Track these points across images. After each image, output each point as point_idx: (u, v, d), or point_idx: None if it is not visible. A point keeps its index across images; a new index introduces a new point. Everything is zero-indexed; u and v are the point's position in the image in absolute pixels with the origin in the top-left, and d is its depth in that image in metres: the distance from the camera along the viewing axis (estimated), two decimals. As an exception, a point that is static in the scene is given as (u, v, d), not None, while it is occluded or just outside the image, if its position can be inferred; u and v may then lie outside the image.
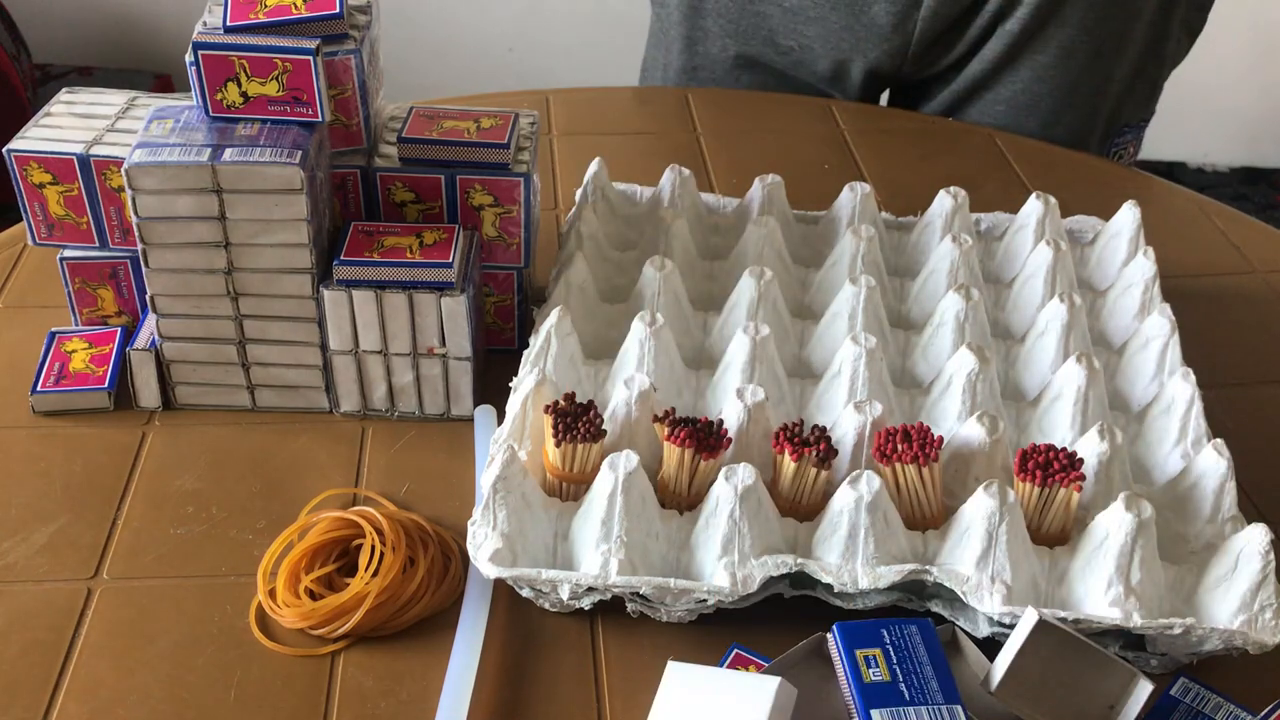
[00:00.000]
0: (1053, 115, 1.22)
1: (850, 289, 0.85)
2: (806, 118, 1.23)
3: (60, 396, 0.85)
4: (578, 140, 1.18)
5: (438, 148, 0.83)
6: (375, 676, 0.70)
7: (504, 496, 0.71)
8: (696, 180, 0.99)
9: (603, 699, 0.69)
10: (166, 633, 0.71)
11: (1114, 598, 0.68)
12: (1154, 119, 1.30)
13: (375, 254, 0.80)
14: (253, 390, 0.86)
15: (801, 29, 1.22)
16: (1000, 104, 1.22)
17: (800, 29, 1.22)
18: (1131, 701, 0.64)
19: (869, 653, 0.65)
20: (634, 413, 0.76)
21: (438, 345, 0.83)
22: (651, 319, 0.81)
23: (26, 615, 0.72)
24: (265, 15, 0.79)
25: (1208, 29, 1.26)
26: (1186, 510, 0.75)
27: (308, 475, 0.81)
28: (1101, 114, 1.24)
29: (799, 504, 0.74)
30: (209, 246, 0.79)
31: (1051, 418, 0.81)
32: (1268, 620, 0.68)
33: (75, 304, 0.90)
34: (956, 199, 0.96)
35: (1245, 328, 0.97)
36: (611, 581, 0.69)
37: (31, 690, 0.68)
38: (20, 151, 0.83)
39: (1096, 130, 1.25)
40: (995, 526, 0.69)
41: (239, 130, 0.78)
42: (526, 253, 0.87)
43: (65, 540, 0.77)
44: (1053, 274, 0.90)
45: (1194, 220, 1.10)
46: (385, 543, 0.74)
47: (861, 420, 0.75)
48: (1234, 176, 2.94)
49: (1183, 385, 0.80)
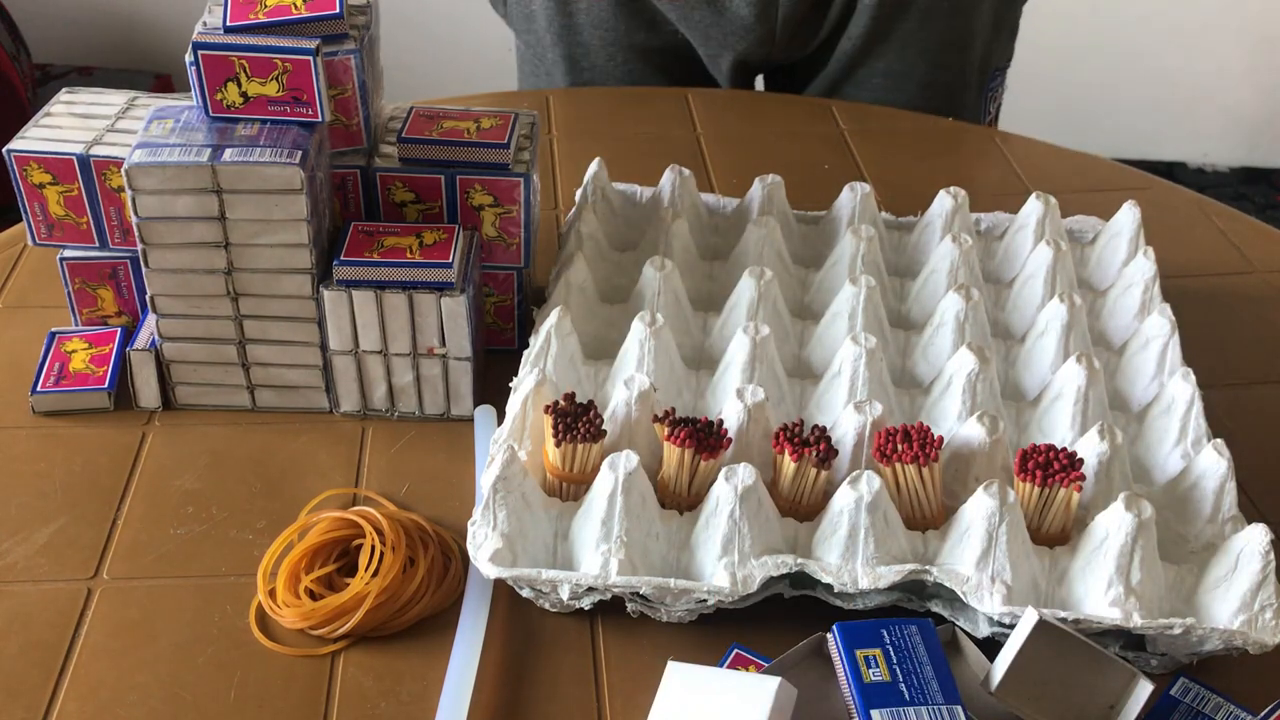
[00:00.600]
0: (928, 76, 1.25)
1: (850, 289, 0.85)
2: (806, 118, 1.23)
3: (60, 396, 0.85)
4: (578, 140, 1.18)
5: (438, 148, 0.83)
6: (375, 676, 0.70)
7: (504, 496, 0.71)
8: (696, 180, 0.99)
9: (603, 699, 0.69)
10: (166, 633, 0.72)
11: (1114, 598, 0.68)
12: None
13: (375, 254, 0.80)
14: (253, 390, 0.86)
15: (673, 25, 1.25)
16: (877, 76, 1.25)
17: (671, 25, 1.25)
18: (1131, 701, 0.64)
19: (869, 653, 0.65)
20: (634, 413, 0.76)
21: (438, 345, 0.83)
22: (651, 319, 0.81)
23: (26, 615, 0.72)
24: (265, 15, 0.79)
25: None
26: (1186, 510, 0.75)
27: (308, 475, 0.81)
28: (973, 65, 1.27)
29: (799, 504, 0.74)
30: (209, 246, 0.79)
31: (1051, 418, 0.81)
32: (1268, 620, 0.68)
33: (75, 304, 0.90)
34: (956, 199, 0.96)
35: (1245, 328, 0.97)
36: (611, 581, 0.69)
37: (31, 690, 0.68)
38: (20, 151, 0.83)
39: (971, 82, 1.28)
40: (995, 526, 0.69)
41: (239, 130, 0.78)
42: (526, 253, 0.87)
43: (65, 540, 0.77)
44: (1053, 274, 0.90)
45: (1194, 220, 1.10)
46: (385, 543, 0.74)
47: (861, 420, 0.75)
48: (1234, 176, 2.94)
49: (1183, 385, 0.80)
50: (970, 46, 1.25)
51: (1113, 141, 2.77)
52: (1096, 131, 2.77)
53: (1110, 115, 2.83)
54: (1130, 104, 2.83)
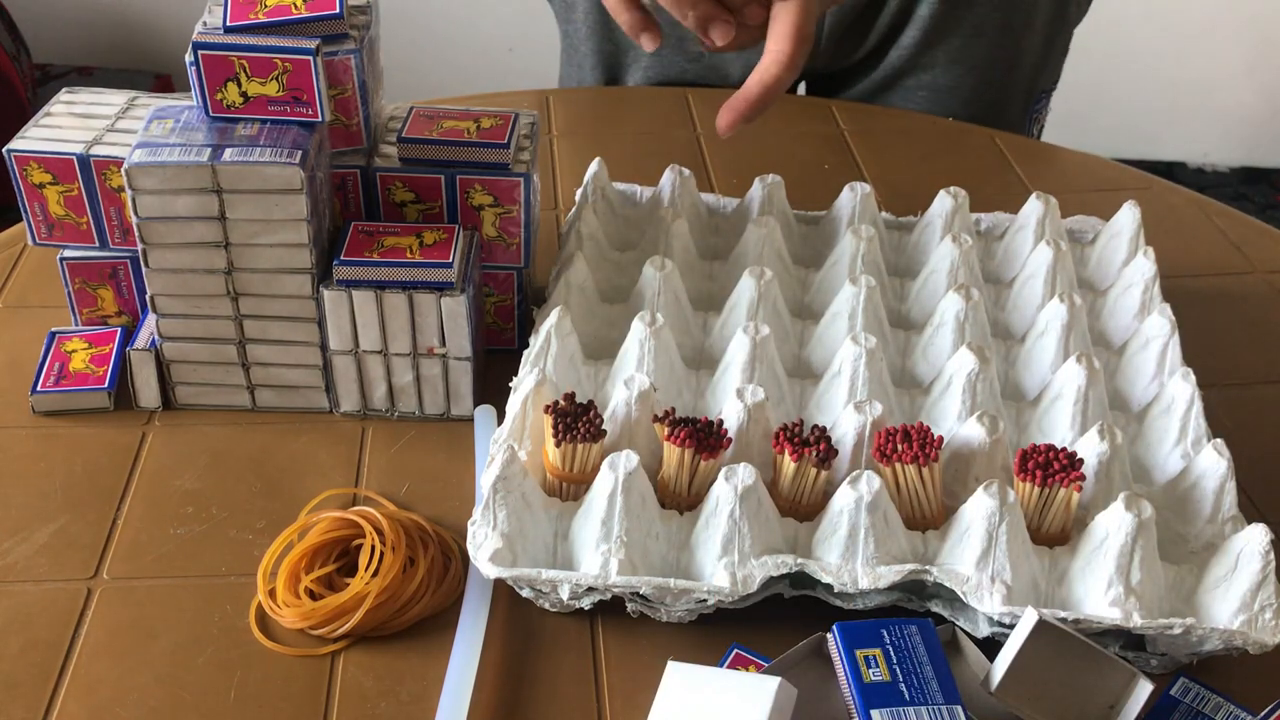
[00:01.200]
0: (973, 94, 1.23)
1: (850, 289, 0.85)
2: (806, 118, 1.23)
3: (60, 396, 0.85)
4: (578, 140, 1.18)
5: (438, 148, 0.83)
6: (375, 676, 0.70)
7: (504, 496, 0.71)
8: (696, 180, 0.99)
9: (603, 699, 0.69)
10: (166, 633, 0.72)
11: (1114, 598, 0.68)
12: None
13: (375, 254, 0.80)
14: (253, 390, 0.86)
15: None
16: (922, 89, 1.24)
17: None
18: (1131, 701, 0.64)
19: (869, 653, 0.65)
20: (634, 413, 0.76)
21: (438, 345, 0.83)
22: (651, 319, 0.81)
23: (26, 615, 0.72)
24: (265, 15, 0.79)
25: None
26: (1186, 510, 0.75)
27: (308, 475, 0.81)
28: (1020, 85, 1.26)
29: (799, 504, 0.74)
30: (209, 246, 0.79)
31: (1051, 418, 0.81)
32: (1268, 620, 0.68)
33: (75, 304, 0.90)
34: (956, 199, 0.96)
35: (1245, 328, 0.97)
36: (611, 581, 0.69)
37: (31, 690, 0.68)
38: (20, 151, 0.83)
39: (1016, 102, 1.27)
40: (995, 526, 0.69)
41: (239, 130, 0.78)
42: (526, 253, 0.87)
43: (65, 540, 0.77)
44: (1053, 274, 0.90)
45: (1194, 220, 1.10)
46: (385, 543, 0.74)
47: (861, 420, 0.75)
48: (1234, 176, 2.94)
49: (1183, 385, 0.80)
50: (1019, 66, 1.24)
51: (1113, 141, 2.77)
52: (1096, 131, 2.77)
53: (1110, 115, 2.83)
54: (1130, 104, 2.83)
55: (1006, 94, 1.25)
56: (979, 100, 1.24)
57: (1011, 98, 1.26)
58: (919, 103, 1.24)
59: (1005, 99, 1.26)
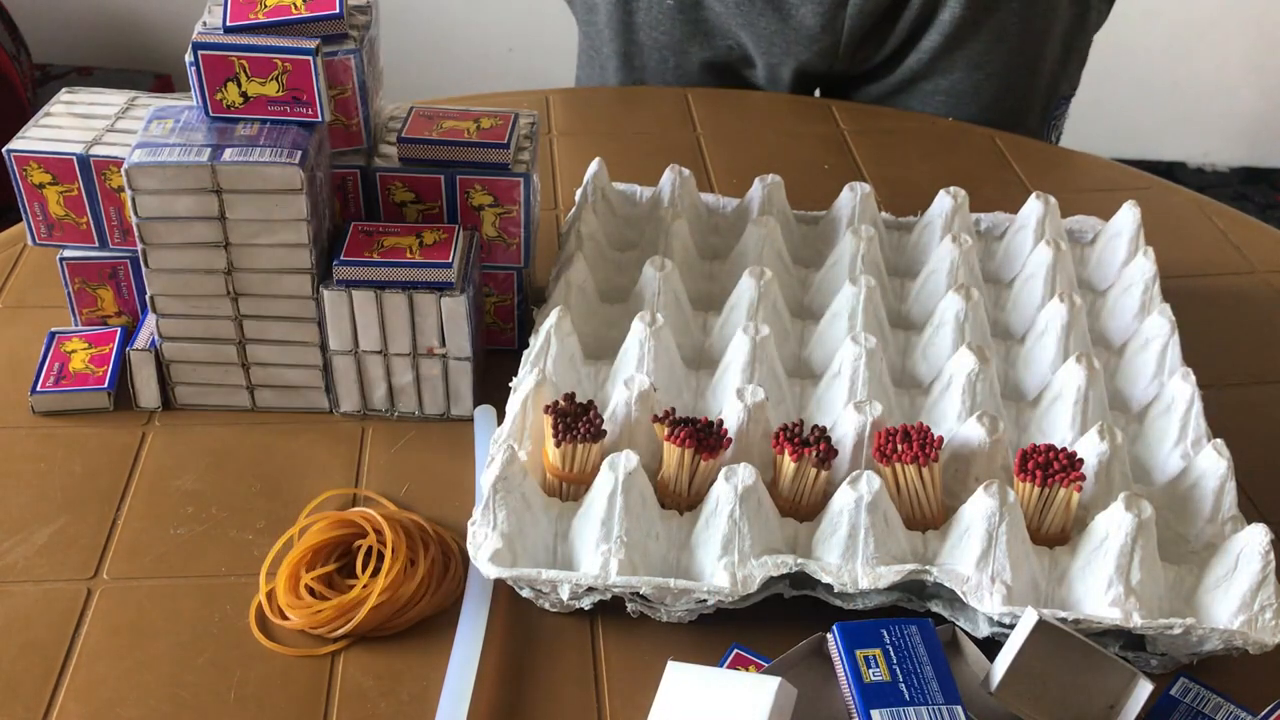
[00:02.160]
0: (992, 99, 1.23)
1: (850, 289, 0.85)
2: (806, 118, 1.23)
3: (60, 396, 0.85)
4: (578, 140, 1.18)
5: (438, 148, 0.83)
6: (375, 676, 0.70)
7: (504, 496, 0.71)
8: (696, 180, 0.99)
9: (603, 699, 0.69)
10: (166, 633, 0.71)
11: (1114, 598, 0.68)
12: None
13: (375, 254, 0.80)
14: (253, 390, 0.86)
15: (735, 33, 1.23)
16: (940, 94, 1.23)
17: (733, 33, 1.23)
18: (1131, 701, 0.64)
19: (869, 653, 0.65)
20: (634, 413, 0.76)
21: (438, 345, 0.83)
22: (651, 319, 0.81)
23: (26, 615, 0.72)
24: (265, 15, 0.79)
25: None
26: (1186, 510, 0.75)
27: (308, 475, 0.81)
28: (1039, 91, 1.25)
29: (799, 504, 0.74)
30: (209, 246, 0.79)
31: (1051, 418, 0.81)
32: (1268, 620, 0.68)
33: (75, 304, 0.90)
34: (956, 199, 0.96)
35: (1245, 328, 0.97)
36: (611, 581, 0.69)
37: (31, 690, 0.68)
38: (20, 151, 0.83)
39: (1035, 108, 1.26)
40: (995, 526, 0.69)
41: (239, 130, 0.78)
42: (526, 253, 0.87)
43: (65, 540, 0.77)
44: (1053, 274, 0.90)
45: (1194, 220, 1.10)
46: (385, 543, 0.74)
47: (861, 420, 0.75)
48: (1234, 176, 2.94)
49: (1183, 385, 0.80)
50: (1039, 72, 1.24)
51: (1112, 141, 2.77)
52: (1096, 131, 2.77)
53: (1110, 115, 2.82)
54: (1130, 104, 2.83)
55: (1026, 100, 1.25)
56: (998, 105, 1.23)
57: (1031, 103, 1.26)
58: (937, 107, 1.24)
59: (1024, 105, 1.25)
